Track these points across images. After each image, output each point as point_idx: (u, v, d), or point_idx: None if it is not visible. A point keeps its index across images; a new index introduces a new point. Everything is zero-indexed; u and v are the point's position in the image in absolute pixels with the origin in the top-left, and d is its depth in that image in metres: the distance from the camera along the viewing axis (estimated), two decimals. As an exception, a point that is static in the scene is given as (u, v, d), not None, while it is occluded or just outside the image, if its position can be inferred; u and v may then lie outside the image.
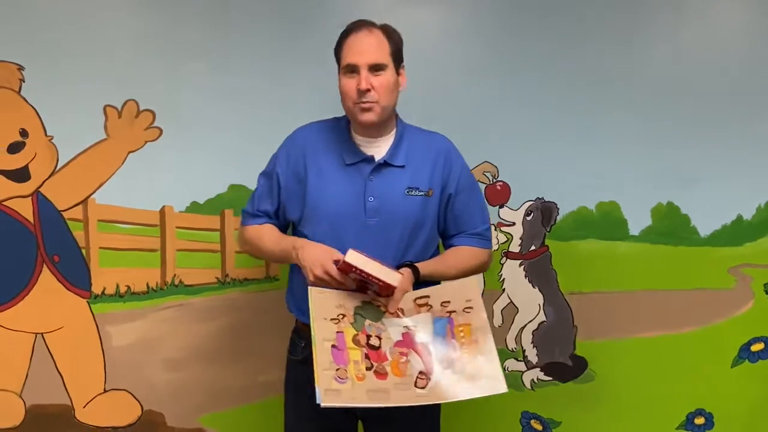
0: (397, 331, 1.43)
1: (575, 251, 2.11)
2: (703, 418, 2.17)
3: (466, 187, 1.67)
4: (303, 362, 1.63)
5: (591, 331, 2.14)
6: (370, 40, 1.54)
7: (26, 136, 1.96)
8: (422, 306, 1.47)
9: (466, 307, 1.46)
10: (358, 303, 1.44)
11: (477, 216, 1.68)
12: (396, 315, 1.45)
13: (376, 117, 1.54)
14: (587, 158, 2.08)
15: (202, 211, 2.04)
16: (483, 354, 1.40)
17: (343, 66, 1.56)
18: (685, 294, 2.13)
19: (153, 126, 2.00)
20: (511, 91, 2.06)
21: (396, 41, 1.58)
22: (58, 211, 2.00)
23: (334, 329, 1.38)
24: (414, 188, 1.58)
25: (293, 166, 1.62)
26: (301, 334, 1.66)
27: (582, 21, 2.06)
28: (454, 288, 1.52)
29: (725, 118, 2.09)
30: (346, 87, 1.55)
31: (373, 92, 1.52)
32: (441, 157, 1.63)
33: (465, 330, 1.43)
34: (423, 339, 1.42)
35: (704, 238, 2.12)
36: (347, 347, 1.37)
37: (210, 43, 1.99)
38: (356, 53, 1.53)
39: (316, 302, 1.41)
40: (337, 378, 1.32)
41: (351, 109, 1.56)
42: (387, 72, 1.54)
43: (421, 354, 1.40)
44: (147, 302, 2.06)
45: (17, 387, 2.05)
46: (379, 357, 1.38)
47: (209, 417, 2.13)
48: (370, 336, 1.40)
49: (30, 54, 1.92)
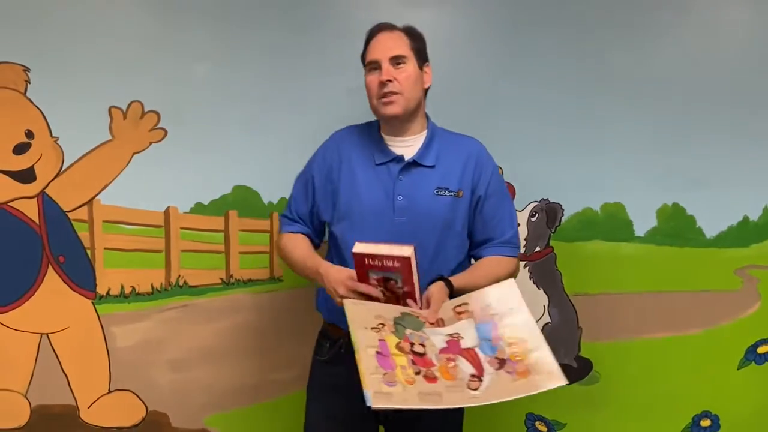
0: (440, 339, 1.40)
1: (580, 252, 2.11)
2: (709, 420, 2.16)
3: (497, 191, 1.66)
4: (328, 363, 1.67)
5: (596, 332, 2.14)
6: (391, 36, 1.60)
7: (32, 137, 1.97)
8: (462, 313, 1.45)
9: (508, 309, 1.43)
10: (397, 314, 1.42)
11: (506, 222, 1.67)
12: (437, 325, 1.43)
13: (399, 108, 1.57)
14: (592, 159, 2.08)
15: (207, 212, 2.05)
16: (534, 350, 1.35)
17: (366, 64, 1.60)
18: (691, 295, 2.12)
19: (158, 127, 2.00)
20: (516, 93, 2.06)
21: (417, 39, 1.62)
22: (64, 211, 2.00)
23: (375, 337, 1.35)
24: (443, 188, 1.60)
25: (327, 167, 1.66)
26: (327, 334, 1.69)
27: (587, 23, 2.05)
28: (493, 292, 1.49)
29: (731, 119, 2.08)
30: (369, 83, 1.59)
31: (395, 83, 1.55)
32: (472, 159, 1.64)
33: (511, 331, 1.39)
34: (469, 344, 1.39)
35: (710, 239, 2.10)
36: (391, 353, 1.33)
37: (215, 45, 1.99)
38: (377, 50, 1.58)
39: (351, 313, 1.39)
40: (386, 382, 1.27)
41: (376, 106, 1.60)
42: (408, 64, 1.58)
43: (469, 358, 1.36)
44: (151, 303, 2.06)
45: (22, 387, 2.06)
46: (426, 363, 1.34)
47: (214, 417, 2.13)
48: (413, 344, 1.36)
49: (36, 56, 1.93)
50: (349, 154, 1.66)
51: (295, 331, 2.10)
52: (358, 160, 1.64)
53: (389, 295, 1.45)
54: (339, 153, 1.67)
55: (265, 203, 2.06)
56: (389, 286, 1.45)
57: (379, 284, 1.45)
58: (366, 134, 1.68)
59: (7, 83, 1.94)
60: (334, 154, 1.67)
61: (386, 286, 1.45)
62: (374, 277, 1.44)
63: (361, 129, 1.71)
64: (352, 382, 1.58)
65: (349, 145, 1.67)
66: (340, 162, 1.65)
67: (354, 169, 1.64)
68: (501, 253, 1.66)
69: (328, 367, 1.67)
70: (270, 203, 2.06)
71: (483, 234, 1.66)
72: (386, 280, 1.44)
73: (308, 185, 1.69)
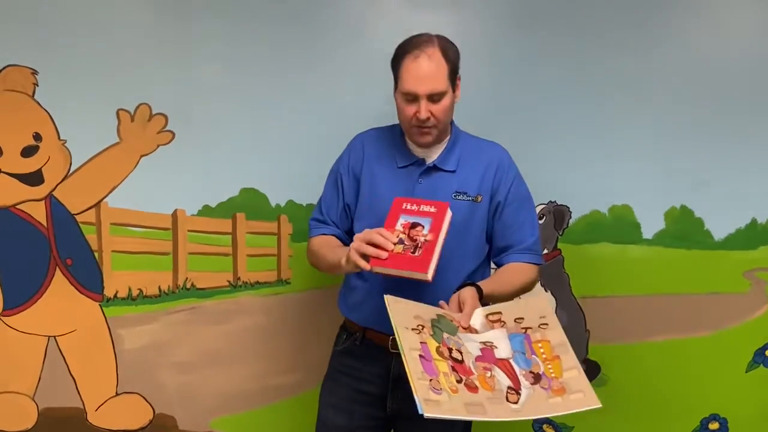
0: (475, 346, 1.39)
1: (588, 255, 2.10)
2: (718, 423, 2.15)
3: (518, 198, 1.66)
4: (342, 353, 1.71)
5: (604, 335, 2.13)
6: (430, 66, 1.51)
7: (40, 139, 1.97)
8: (495, 322, 1.44)
9: (541, 324, 1.43)
10: (434, 316, 1.41)
11: (527, 229, 1.67)
12: (470, 331, 1.42)
13: (433, 139, 1.59)
14: (600, 161, 2.07)
15: (214, 214, 2.05)
16: (568, 370, 1.35)
17: (403, 92, 1.55)
18: (699, 298, 2.12)
19: (165, 130, 2.00)
20: (524, 95, 2.06)
21: (453, 59, 1.56)
22: (71, 214, 2.00)
23: (417, 339, 1.34)
24: (462, 192, 1.60)
25: (353, 168, 1.68)
26: (345, 327, 1.74)
27: (594, 24, 2.05)
28: (527, 304, 1.50)
29: (739, 121, 2.07)
30: (405, 111, 1.57)
31: (432, 119, 1.54)
32: (493, 165, 1.64)
33: (545, 346, 1.40)
34: (503, 354, 1.39)
35: (718, 241, 2.10)
36: (433, 358, 1.32)
37: (222, 47, 1.99)
38: (416, 82, 1.52)
39: (394, 311, 1.38)
40: (432, 389, 1.26)
41: (407, 129, 1.61)
42: (446, 98, 1.54)
43: (504, 370, 1.36)
44: (159, 305, 2.06)
45: (30, 390, 2.06)
46: (465, 371, 1.33)
47: (221, 420, 2.13)
48: (451, 349, 1.36)
49: (43, 58, 1.93)
50: (372, 155, 1.68)
51: (302, 334, 2.11)
52: (380, 162, 1.66)
53: (408, 244, 1.43)
54: (363, 152, 1.69)
55: (272, 206, 2.06)
56: (413, 232, 1.44)
57: (404, 230, 1.44)
58: (389, 137, 1.70)
59: (15, 86, 1.94)
60: (359, 153, 1.69)
61: (410, 234, 1.44)
62: (403, 222, 1.45)
63: (385, 132, 1.72)
64: (362, 374, 1.65)
65: (373, 146, 1.69)
66: (363, 161, 1.67)
67: (375, 171, 1.66)
68: (523, 260, 1.66)
69: (342, 357, 1.71)
70: (278, 205, 2.06)
71: (503, 240, 1.66)
72: (414, 225, 1.44)
73: (338, 184, 1.70)
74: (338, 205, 1.70)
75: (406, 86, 1.53)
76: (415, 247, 1.43)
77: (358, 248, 1.44)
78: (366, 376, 1.65)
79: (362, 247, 1.44)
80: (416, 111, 1.53)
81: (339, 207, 1.70)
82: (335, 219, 1.70)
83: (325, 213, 1.72)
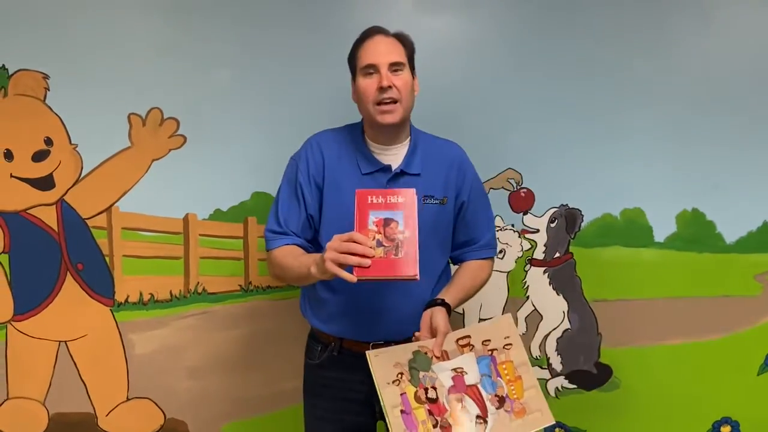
0: (447, 375, 1.47)
1: (600, 258, 2.10)
2: (729, 426, 2.15)
3: (478, 195, 1.69)
4: (321, 366, 1.67)
5: (616, 338, 2.13)
6: (387, 41, 1.57)
7: (51, 144, 1.97)
8: (465, 346, 1.51)
9: (505, 344, 1.52)
10: (410, 355, 1.47)
11: (485, 225, 1.71)
12: (442, 358, 1.48)
13: (398, 117, 1.55)
14: (612, 165, 2.07)
15: (226, 218, 2.04)
16: (528, 389, 1.47)
17: (361, 67, 1.55)
18: (711, 301, 2.11)
19: (177, 134, 2.00)
20: (536, 98, 2.05)
21: (410, 47, 1.60)
22: (83, 219, 2.00)
23: (398, 392, 1.42)
24: (429, 196, 1.59)
25: (314, 176, 1.60)
26: (317, 338, 1.69)
27: (606, 27, 2.04)
28: (493, 327, 1.58)
29: (750, 124, 2.07)
30: (365, 87, 1.54)
31: (395, 90, 1.52)
32: (455, 165, 1.64)
33: (508, 367, 1.50)
34: (471, 380, 1.47)
35: (730, 244, 2.10)
36: (412, 408, 1.41)
37: (234, 51, 1.99)
38: (375, 54, 1.54)
39: (376, 366, 1.43)
40: None
41: (370, 112, 1.55)
42: (405, 72, 1.56)
43: (473, 397, 1.45)
44: (170, 310, 2.06)
45: (40, 395, 2.06)
46: (440, 409, 1.43)
47: (232, 425, 2.12)
48: (427, 389, 1.44)
49: (55, 63, 1.93)
50: (332, 160, 1.60)
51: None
52: (342, 168, 1.59)
53: (387, 245, 1.37)
54: (323, 158, 1.60)
55: (284, 210, 2.05)
56: (389, 231, 1.39)
57: (378, 228, 1.38)
58: (348, 140, 1.63)
59: (27, 90, 1.94)
60: (318, 159, 1.60)
61: (386, 233, 1.38)
62: (374, 220, 1.39)
63: (342, 134, 1.65)
64: (345, 383, 1.63)
65: (331, 150, 1.61)
66: (324, 168, 1.60)
67: (338, 178, 1.58)
68: (482, 256, 1.71)
69: (321, 371, 1.67)
70: (289, 210, 2.05)
71: (464, 236, 1.69)
72: (387, 223, 1.39)
73: (298, 195, 1.60)
74: (300, 216, 1.60)
75: (365, 60, 1.54)
76: (395, 247, 1.37)
77: (335, 259, 1.33)
78: (349, 385, 1.62)
79: (341, 258, 1.32)
80: (378, 82, 1.51)
81: (301, 218, 1.60)
82: (295, 230, 1.60)
83: (283, 224, 1.60)
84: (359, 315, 1.59)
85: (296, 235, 1.60)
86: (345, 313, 1.60)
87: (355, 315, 1.59)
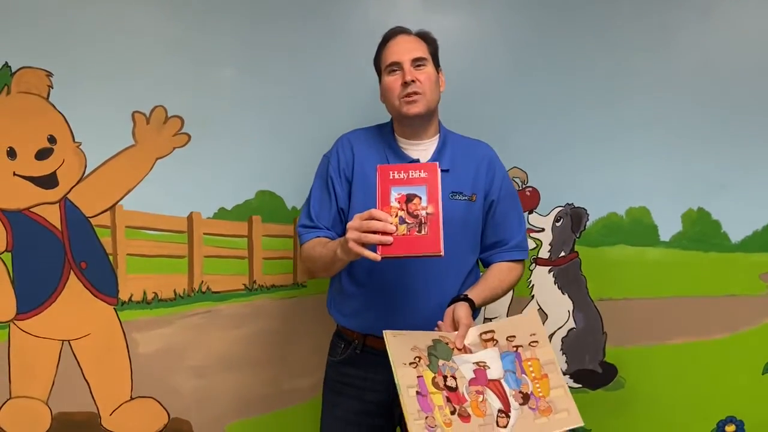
0: (468, 368, 1.42)
1: (605, 257, 2.10)
2: (734, 425, 2.15)
3: (508, 195, 1.68)
4: (343, 363, 1.67)
5: (621, 337, 2.13)
6: (409, 39, 1.61)
7: (54, 142, 1.95)
8: (488, 341, 1.47)
9: (531, 342, 1.46)
10: (430, 342, 1.44)
11: (516, 226, 1.69)
12: (464, 351, 1.45)
13: (422, 108, 1.57)
14: (617, 164, 2.07)
15: (230, 217, 2.03)
16: (555, 388, 1.41)
17: (386, 66, 1.60)
18: (716, 300, 2.11)
19: (181, 132, 1.99)
20: (541, 97, 2.05)
21: (432, 44, 1.64)
22: (86, 217, 1.99)
23: (414, 374, 1.38)
24: (458, 192, 1.59)
25: (344, 170, 1.64)
26: (342, 336, 1.70)
27: (611, 27, 2.04)
28: (518, 322, 1.54)
29: (755, 124, 2.07)
30: (390, 84, 1.59)
31: (418, 83, 1.55)
32: (484, 163, 1.65)
33: (534, 365, 1.44)
34: (494, 375, 1.42)
35: (735, 244, 2.10)
36: (429, 392, 1.37)
37: (239, 49, 1.98)
38: (397, 52, 1.58)
39: (392, 346, 1.41)
40: (428, 427, 1.32)
41: (396, 106, 1.58)
42: (428, 66, 1.59)
43: (496, 391, 1.40)
44: (174, 309, 2.05)
45: (43, 395, 2.04)
46: (459, 399, 1.38)
47: (236, 425, 2.11)
48: (446, 377, 1.40)
49: (58, 60, 1.92)
50: (363, 156, 1.64)
51: (318, 338, 2.07)
52: (371, 162, 1.61)
53: (410, 222, 1.37)
54: (353, 153, 1.64)
55: (288, 208, 2.05)
56: (411, 206, 1.38)
57: (401, 205, 1.38)
58: (378, 136, 1.67)
59: (30, 88, 1.92)
60: (348, 155, 1.64)
61: (408, 209, 1.38)
62: (396, 196, 1.38)
63: (372, 131, 1.69)
64: (366, 383, 1.63)
65: (362, 146, 1.65)
66: (354, 163, 1.63)
67: (368, 173, 1.60)
68: (512, 258, 1.69)
69: (343, 368, 1.68)
70: (294, 208, 2.05)
71: (493, 237, 1.68)
72: (409, 199, 1.38)
73: (329, 189, 1.64)
74: (331, 210, 1.63)
75: (388, 59, 1.58)
76: (419, 224, 1.36)
77: (357, 238, 1.34)
78: (370, 384, 1.63)
79: (363, 237, 1.34)
80: (402, 78, 1.55)
81: (332, 212, 1.63)
82: (327, 224, 1.63)
83: (315, 218, 1.63)
84: (384, 310, 1.58)
85: (327, 229, 1.63)
86: (370, 307, 1.60)
87: (379, 310, 1.59)
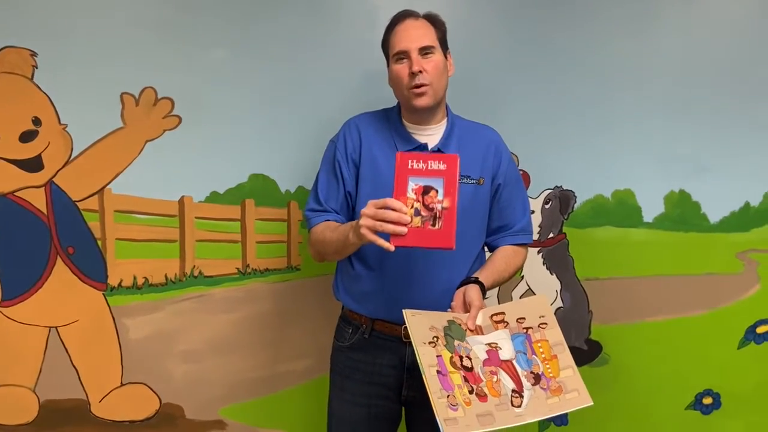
0: (481, 349, 1.46)
1: (591, 238, 2.15)
2: (711, 398, 2.24)
3: (513, 179, 1.71)
4: (350, 348, 1.67)
5: (605, 316, 2.19)
6: (417, 25, 1.59)
7: (39, 124, 1.90)
8: (499, 323, 1.51)
9: (540, 323, 1.51)
10: (445, 323, 1.46)
11: (520, 209, 1.72)
12: (476, 332, 1.48)
13: (430, 100, 1.57)
14: (604, 147, 2.11)
15: (222, 200, 2.01)
16: (564, 369, 1.46)
17: (393, 54, 1.59)
18: (695, 279, 2.19)
19: (171, 114, 1.95)
20: (529, 82, 2.07)
21: (441, 28, 1.63)
22: (73, 201, 1.95)
23: (434, 353, 1.41)
24: (465, 176, 1.60)
25: (351, 154, 1.63)
26: (349, 320, 1.70)
27: (596, 13, 2.07)
28: (528, 304, 1.59)
29: (734, 108, 2.12)
30: (398, 73, 1.58)
31: (425, 74, 1.55)
32: (492, 147, 1.66)
33: (543, 346, 1.48)
34: (506, 356, 1.47)
35: (714, 224, 2.17)
36: (448, 371, 1.40)
37: (230, 30, 1.95)
38: (405, 40, 1.57)
39: (413, 326, 1.42)
40: (450, 405, 1.35)
41: (405, 96, 1.59)
42: (436, 54, 1.58)
43: (508, 371, 1.45)
44: (165, 294, 2.03)
45: (30, 382, 2.01)
46: (475, 379, 1.42)
47: (229, 409, 2.11)
48: (462, 357, 1.43)
49: (43, 39, 1.86)
50: (370, 139, 1.64)
51: (311, 321, 2.10)
52: (379, 147, 1.62)
53: (425, 215, 1.37)
54: (360, 137, 1.64)
55: (282, 192, 2.04)
56: (428, 199, 1.38)
57: (417, 196, 1.38)
58: (384, 121, 1.67)
59: (13, 68, 1.86)
60: (355, 138, 1.64)
61: (424, 201, 1.38)
62: (413, 187, 1.38)
63: (379, 116, 1.69)
64: (374, 367, 1.64)
65: (368, 130, 1.65)
66: (361, 147, 1.64)
67: (376, 156, 1.62)
68: (516, 242, 1.71)
69: (351, 353, 1.68)
70: (287, 192, 2.04)
71: (499, 221, 1.70)
72: (426, 191, 1.38)
73: (336, 172, 1.64)
74: (339, 193, 1.64)
75: (396, 47, 1.58)
76: (433, 218, 1.37)
77: (372, 226, 1.35)
78: (379, 369, 1.64)
79: (377, 225, 1.35)
80: (409, 67, 1.55)
81: (340, 195, 1.64)
82: (335, 207, 1.64)
83: (323, 202, 1.64)
84: (393, 293, 1.59)
85: (336, 212, 1.63)
86: (379, 291, 1.61)
87: (389, 293, 1.60)
